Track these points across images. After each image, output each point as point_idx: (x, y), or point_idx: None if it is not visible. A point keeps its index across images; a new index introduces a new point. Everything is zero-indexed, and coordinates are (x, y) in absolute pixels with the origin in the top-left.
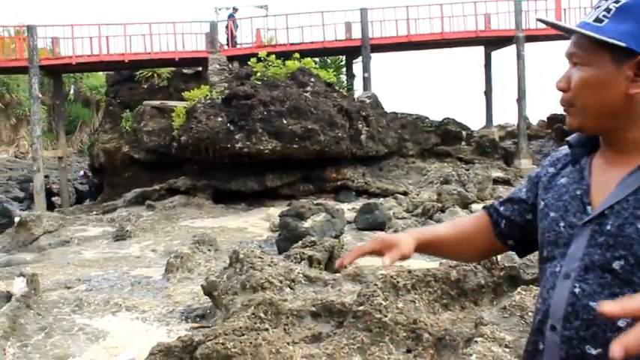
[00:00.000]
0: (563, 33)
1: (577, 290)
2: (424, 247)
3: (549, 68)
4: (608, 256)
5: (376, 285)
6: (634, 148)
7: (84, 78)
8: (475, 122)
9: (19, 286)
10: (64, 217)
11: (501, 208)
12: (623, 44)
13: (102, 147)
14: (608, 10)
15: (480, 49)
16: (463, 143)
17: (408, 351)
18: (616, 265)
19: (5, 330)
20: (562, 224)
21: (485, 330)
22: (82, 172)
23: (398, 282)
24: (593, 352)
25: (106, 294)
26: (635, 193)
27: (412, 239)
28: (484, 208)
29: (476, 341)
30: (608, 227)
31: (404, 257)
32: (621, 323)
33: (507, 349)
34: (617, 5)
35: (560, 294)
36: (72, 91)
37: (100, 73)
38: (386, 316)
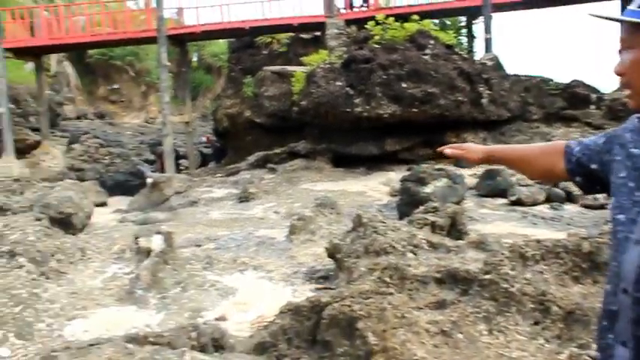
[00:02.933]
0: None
1: None
2: (492, 161)
3: None
4: None
5: (503, 254)
6: None
7: (206, 46)
8: (608, 85)
9: (157, 242)
10: (192, 179)
11: (576, 149)
12: None
13: (225, 112)
14: None
15: (616, 3)
16: (592, 107)
17: (536, 323)
18: None
19: (148, 282)
20: (638, 193)
21: None
22: (203, 138)
23: (526, 252)
24: None
25: (233, 253)
26: None
27: (482, 152)
28: (565, 145)
29: None
30: None
31: (467, 158)
32: None
33: None
34: None
35: (631, 259)
36: (195, 59)
37: (221, 40)
38: (513, 287)
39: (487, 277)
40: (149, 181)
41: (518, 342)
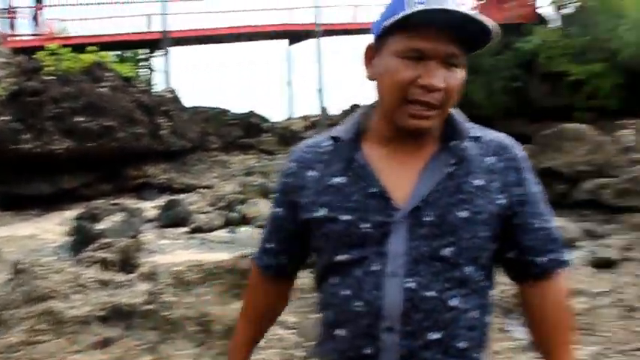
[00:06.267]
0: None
1: (412, 285)
2: None
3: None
4: (435, 245)
5: (163, 282)
6: (428, 136)
7: None
8: (280, 114)
9: None
10: None
11: (265, 258)
12: None
13: None
14: None
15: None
16: (265, 135)
17: (202, 344)
18: (446, 252)
19: None
20: (364, 225)
21: None
22: None
23: (188, 277)
24: (435, 336)
25: None
26: (442, 183)
27: None
28: (254, 260)
29: None
30: (429, 218)
31: None
32: (452, 302)
33: (292, 331)
34: None
35: (393, 293)
36: None
37: None
38: (174, 313)
39: (149, 307)
40: None
41: None
